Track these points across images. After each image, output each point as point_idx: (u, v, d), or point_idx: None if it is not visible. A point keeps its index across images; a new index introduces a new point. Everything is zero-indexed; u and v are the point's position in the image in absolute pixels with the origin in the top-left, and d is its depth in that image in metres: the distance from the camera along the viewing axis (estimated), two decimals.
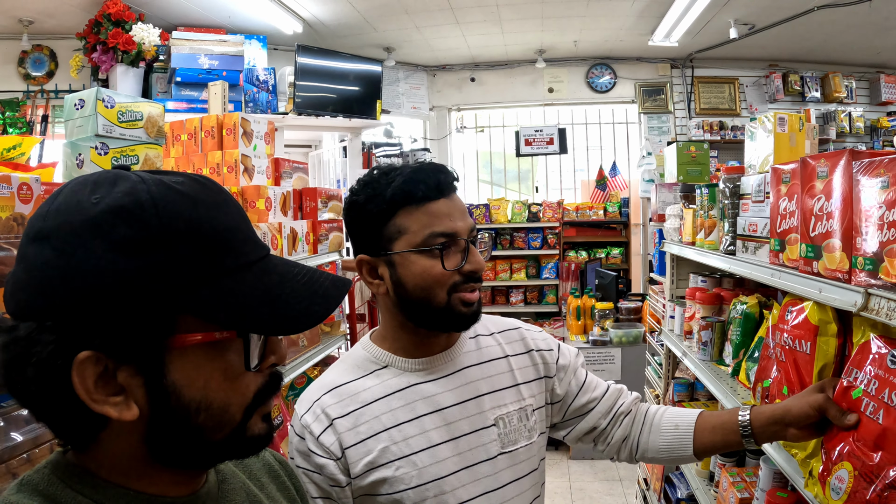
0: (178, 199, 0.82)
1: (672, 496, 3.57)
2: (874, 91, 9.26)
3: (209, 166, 3.24)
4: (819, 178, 1.69)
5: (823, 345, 1.71)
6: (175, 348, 0.81)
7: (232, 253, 0.86)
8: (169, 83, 5.74)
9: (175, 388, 0.82)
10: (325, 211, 3.84)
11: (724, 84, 9.12)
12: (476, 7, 6.84)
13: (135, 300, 0.78)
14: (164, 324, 0.80)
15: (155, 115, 2.62)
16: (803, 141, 2.38)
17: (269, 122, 3.60)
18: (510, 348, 1.73)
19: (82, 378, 0.77)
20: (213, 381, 0.85)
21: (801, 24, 7.21)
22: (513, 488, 1.59)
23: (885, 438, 1.37)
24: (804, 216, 1.77)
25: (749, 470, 2.61)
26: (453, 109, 9.53)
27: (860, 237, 1.49)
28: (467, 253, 1.50)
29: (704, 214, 2.87)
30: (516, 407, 1.65)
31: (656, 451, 1.77)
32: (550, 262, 8.89)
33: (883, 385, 1.41)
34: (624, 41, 8.32)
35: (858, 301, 1.48)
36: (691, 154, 4.09)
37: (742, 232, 2.35)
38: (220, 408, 0.86)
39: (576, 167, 9.93)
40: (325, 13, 6.71)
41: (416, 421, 1.53)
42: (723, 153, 8.52)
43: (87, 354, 0.77)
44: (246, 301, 0.84)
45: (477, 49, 8.52)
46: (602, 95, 9.23)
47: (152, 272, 0.78)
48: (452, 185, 1.54)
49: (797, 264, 1.83)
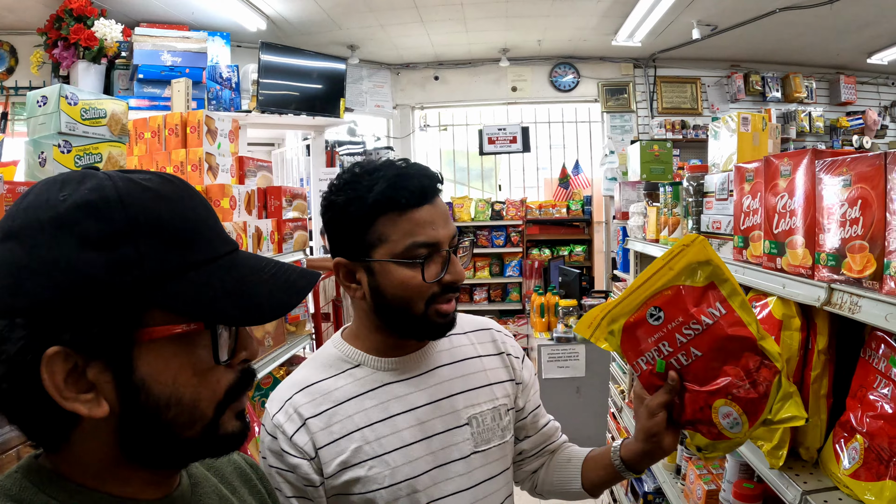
0: (144, 195, 0.83)
1: (639, 490, 3.61)
2: (834, 91, 9.49)
3: (173, 164, 3.21)
4: (782, 177, 1.74)
5: (787, 339, 1.75)
6: (143, 342, 0.81)
7: (198, 247, 0.87)
8: (131, 80, 5.65)
9: (144, 383, 0.82)
10: (289, 210, 3.84)
11: (687, 84, 9.27)
12: (441, 5, 6.87)
13: (102, 294, 0.78)
14: (131, 317, 0.80)
15: (118, 113, 2.59)
16: (766, 140, 2.43)
17: (234, 119, 3.58)
18: (482, 348, 1.74)
19: (51, 374, 0.77)
20: (183, 375, 0.85)
21: (763, 26, 7.37)
22: (486, 487, 1.60)
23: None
24: (767, 214, 1.82)
25: (715, 463, 2.66)
26: (417, 108, 9.57)
27: (823, 234, 1.54)
28: (448, 263, 1.47)
29: (668, 212, 2.91)
30: (489, 406, 1.65)
31: (551, 484, 1.80)
32: (514, 260, 8.97)
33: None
34: (588, 41, 8.40)
35: (822, 296, 1.52)
36: (655, 153, 4.15)
37: (706, 229, 2.40)
38: (191, 403, 0.86)
39: (539, 165, 10.03)
40: (289, 10, 6.69)
41: (388, 420, 1.52)
42: (685, 152, 8.64)
43: (55, 350, 0.77)
44: (212, 293, 0.85)
45: (441, 47, 8.56)
46: (565, 94, 9.34)
47: (119, 266, 0.79)
48: (436, 190, 1.50)
49: (761, 260, 1.87)
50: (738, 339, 1.40)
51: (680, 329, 1.43)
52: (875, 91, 9.68)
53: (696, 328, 1.41)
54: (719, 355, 1.41)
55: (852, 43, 8.26)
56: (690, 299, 1.43)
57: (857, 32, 7.80)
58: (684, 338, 1.43)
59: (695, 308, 1.42)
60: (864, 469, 1.54)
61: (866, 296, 1.38)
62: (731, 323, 1.40)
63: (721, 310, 1.41)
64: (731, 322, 1.40)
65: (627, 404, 4.00)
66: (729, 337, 1.40)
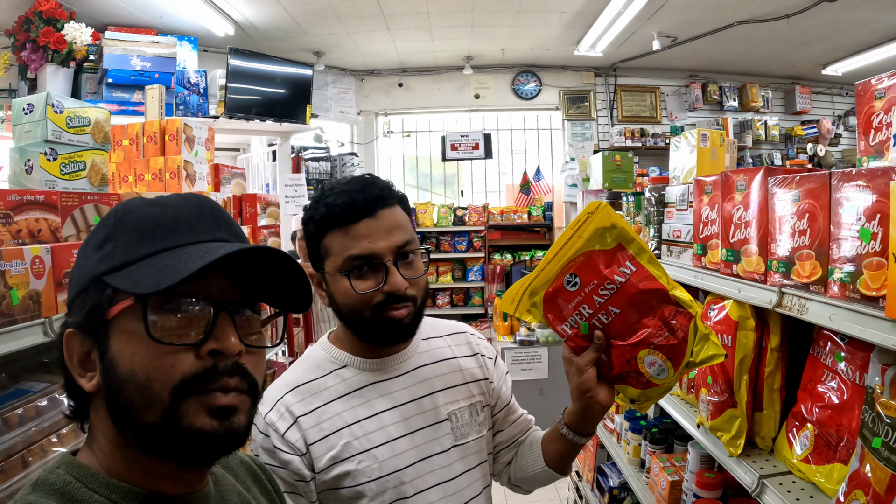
0: (140, 203, 0.99)
1: (605, 485, 3.72)
2: (789, 101, 9.76)
3: (151, 172, 3.25)
4: (738, 191, 1.89)
5: (743, 338, 1.92)
6: (112, 321, 0.92)
7: (162, 239, 0.96)
8: (100, 84, 5.61)
9: (113, 360, 0.91)
10: (263, 217, 3.90)
11: (646, 93, 9.46)
12: (407, 14, 6.96)
13: (90, 283, 0.94)
14: (102, 300, 0.93)
15: (101, 121, 2.63)
16: (723, 155, 2.60)
17: (210, 128, 3.66)
18: (458, 350, 1.85)
19: (69, 352, 0.95)
20: (138, 353, 0.90)
21: (722, 38, 7.58)
22: (465, 478, 1.70)
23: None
24: (724, 224, 1.97)
25: (678, 455, 2.80)
26: (381, 114, 9.60)
27: (774, 243, 1.70)
28: (387, 274, 1.54)
29: (630, 221, 3.06)
30: (467, 403, 1.76)
31: (521, 470, 1.90)
32: (476, 264, 9.04)
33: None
34: (550, 50, 8.54)
35: (773, 299, 1.68)
36: (616, 162, 4.31)
37: (667, 237, 2.55)
38: (144, 381, 0.89)
39: (500, 171, 10.11)
40: (257, 16, 6.72)
41: (375, 417, 1.61)
42: (643, 159, 8.81)
43: (70, 331, 0.95)
44: (150, 270, 0.92)
45: (406, 55, 8.63)
46: (527, 102, 9.46)
47: (103, 259, 0.95)
48: (375, 204, 1.56)
49: (718, 267, 2.03)
50: (651, 291, 1.50)
51: (596, 291, 1.52)
52: (829, 101, 9.98)
53: (611, 288, 1.51)
54: (636, 309, 1.51)
55: (808, 55, 8.52)
56: (602, 262, 1.52)
57: (812, 45, 8.05)
58: (601, 298, 1.52)
59: (607, 269, 1.51)
60: (814, 454, 1.70)
61: (813, 299, 1.54)
62: (641, 278, 1.50)
63: (631, 267, 1.51)
64: (642, 277, 1.50)
65: None
66: (642, 291, 1.50)
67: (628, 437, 3.22)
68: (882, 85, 1.69)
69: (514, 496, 5.60)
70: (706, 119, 9.41)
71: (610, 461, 3.86)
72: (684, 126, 9.37)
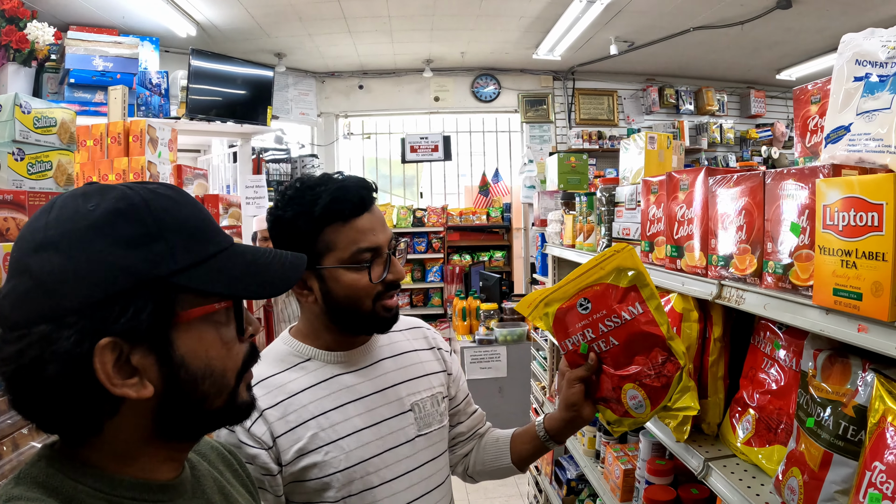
0: (163, 201, 0.95)
1: (563, 478, 3.81)
2: (744, 105, 10.04)
3: (115, 172, 3.27)
4: (681, 190, 2.00)
5: (687, 329, 2.02)
6: (180, 324, 0.93)
7: (212, 241, 0.99)
8: (61, 84, 5.56)
9: (183, 360, 0.93)
10: (225, 217, 3.93)
11: (604, 96, 9.64)
12: (368, 17, 7.03)
13: (142, 286, 0.88)
14: (169, 304, 0.91)
15: (67, 121, 2.66)
16: (670, 157, 2.70)
17: (174, 129, 3.69)
18: (417, 343, 1.92)
19: (103, 364, 0.86)
20: (213, 349, 0.97)
21: (677, 43, 7.77)
22: (429, 467, 1.76)
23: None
24: (669, 222, 2.07)
25: (631, 445, 2.88)
26: (341, 116, 9.67)
27: (715, 239, 1.80)
28: (389, 264, 1.64)
29: (583, 220, 3.14)
30: (428, 394, 1.82)
31: (482, 463, 2.00)
32: (435, 265, 9.13)
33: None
34: (509, 54, 8.67)
35: (714, 291, 1.79)
36: (571, 164, 4.39)
37: (617, 235, 2.64)
38: (220, 374, 0.98)
39: (460, 173, 10.23)
40: (219, 17, 6.74)
41: (340, 408, 1.64)
42: (601, 161, 8.97)
43: (106, 341, 0.86)
44: (234, 275, 0.98)
45: (366, 57, 8.69)
46: (486, 105, 9.59)
47: (154, 260, 0.90)
48: (373, 199, 1.65)
49: (664, 262, 2.13)
50: (651, 335, 1.66)
51: (603, 320, 1.69)
52: (784, 105, 10.25)
53: (617, 321, 1.68)
54: (633, 347, 1.67)
55: (762, 60, 8.74)
56: (615, 296, 1.69)
57: (766, 51, 8.27)
58: (606, 328, 1.69)
59: (617, 304, 1.68)
60: (755, 437, 1.81)
61: (749, 290, 1.64)
62: (646, 321, 1.66)
63: (639, 309, 1.67)
64: (647, 321, 1.66)
65: (549, 399, 4.23)
66: (643, 333, 1.66)
67: (584, 430, 3.31)
68: (817, 90, 1.80)
69: (475, 490, 5.66)
70: (662, 122, 9.59)
71: (567, 454, 3.94)
72: (641, 129, 9.55)
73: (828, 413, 1.39)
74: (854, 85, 1.56)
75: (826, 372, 1.44)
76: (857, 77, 1.56)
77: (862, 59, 1.57)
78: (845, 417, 1.35)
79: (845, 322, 1.29)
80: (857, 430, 1.31)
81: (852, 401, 1.34)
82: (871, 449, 1.22)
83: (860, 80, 1.55)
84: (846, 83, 1.59)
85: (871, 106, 1.50)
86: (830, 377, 1.43)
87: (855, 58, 1.58)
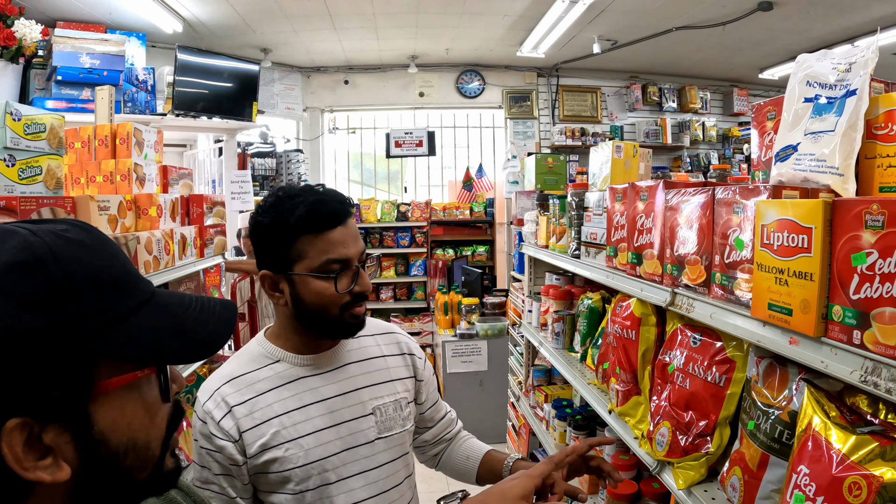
0: (73, 249, 0.81)
1: None
2: (727, 103, 10.12)
3: (103, 174, 3.32)
4: (641, 200, 2.09)
5: (645, 332, 2.12)
6: (99, 395, 0.81)
7: (130, 293, 0.86)
8: (48, 81, 5.59)
9: (103, 435, 0.82)
10: (210, 216, 3.97)
11: (587, 93, 9.71)
12: (353, 14, 7.07)
13: (50, 355, 0.76)
14: (83, 374, 0.79)
15: (56, 126, 2.70)
16: (636, 165, 2.80)
17: (159, 130, 3.74)
18: (387, 349, 2.00)
19: (11, 447, 0.74)
20: (136, 419, 0.86)
21: (660, 42, 7.84)
22: (387, 468, 1.86)
23: (693, 401, 1.82)
24: (630, 229, 2.17)
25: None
26: (326, 111, 9.70)
27: (670, 248, 1.90)
28: (357, 276, 1.73)
29: (556, 222, 3.24)
30: (391, 399, 1.91)
31: (449, 470, 2.14)
32: (418, 259, 9.17)
33: (688, 360, 1.83)
34: (494, 50, 8.72)
35: (668, 298, 1.89)
36: (549, 165, 4.45)
37: (585, 239, 2.73)
38: (144, 445, 0.87)
39: (444, 168, 10.28)
40: (205, 13, 6.75)
41: (303, 409, 1.75)
42: (583, 158, 8.99)
43: (14, 423, 0.73)
44: (156, 336, 0.86)
45: (352, 53, 8.72)
46: (471, 101, 9.64)
47: (63, 323, 0.77)
48: (348, 213, 1.74)
49: (626, 268, 2.23)
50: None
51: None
52: None
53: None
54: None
55: (745, 59, 8.83)
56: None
57: (749, 50, 8.35)
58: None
59: None
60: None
61: (699, 299, 1.74)
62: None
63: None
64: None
65: (524, 394, 4.34)
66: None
67: (555, 425, 3.42)
68: (772, 108, 1.89)
69: (437, 482, 5.73)
70: (645, 119, 9.67)
71: (541, 447, 4.04)
72: (624, 126, 9.65)
73: (766, 417, 1.49)
74: (804, 105, 1.65)
75: (767, 379, 1.54)
76: (807, 98, 1.65)
77: (813, 81, 1.65)
78: (781, 422, 1.45)
79: (780, 334, 1.39)
80: (791, 434, 1.41)
81: (787, 407, 1.44)
82: (797, 453, 1.33)
83: (810, 101, 1.63)
84: (796, 103, 1.67)
85: (817, 127, 1.58)
86: (770, 384, 1.53)
87: (806, 79, 1.66)
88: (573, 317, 3.32)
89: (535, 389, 4.06)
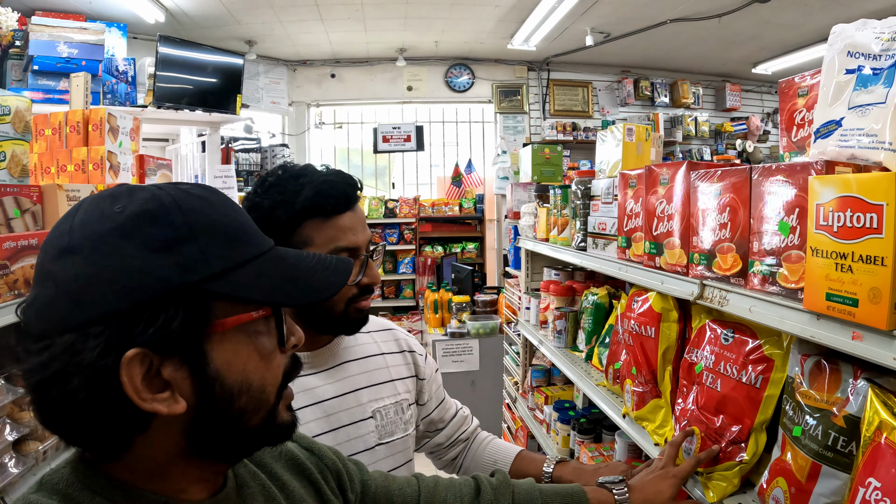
0: (195, 201, 0.88)
1: None
2: (720, 98, 10.06)
3: (74, 163, 3.17)
4: (661, 185, 1.92)
5: (666, 329, 1.95)
6: (215, 334, 0.86)
7: (249, 244, 0.92)
8: (25, 71, 5.43)
9: (219, 373, 0.86)
10: None
11: (579, 87, 9.60)
12: (341, 4, 6.94)
13: (174, 293, 0.82)
14: (202, 312, 0.84)
15: (22, 110, 2.56)
16: (649, 149, 2.63)
17: (136, 118, 3.57)
18: (385, 346, 1.86)
19: (130, 377, 0.80)
20: (251, 362, 0.90)
21: (654, 35, 7.75)
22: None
23: (724, 404, 1.63)
24: (648, 217, 2.00)
25: (606, 445, 2.83)
26: (313, 105, 9.57)
27: (696, 236, 1.73)
28: (365, 267, 1.58)
29: (558, 213, 3.08)
30: (392, 401, 1.77)
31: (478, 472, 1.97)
32: (407, 257, 9.08)
33: (718, 359, 1.66)
34: (484, 43, 8.61)
35: (695, 291, 1.71)
36: (546, 156, 4.33)
37: (592, 230, 2.57)
38: (259, 389, 0.91)
39: (432, 164, 10.17)
40: (188, 2, 6.62)
41: (298, 412, 1.60)
42: (575, 153, 8.95)
43: (134, 352, 0.79)
44: (274, 281, 0.91)
45: (339, 45, 8.59)
46: (460, 95, 9.52)
47: (185, 265, 0.83)
48: (357, 197, 1.59)
49: (642, 259, 2.05)
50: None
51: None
52: (759, 99, 10.31)
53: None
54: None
55: (738, 54, 8.78)
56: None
57: (742, 45, 8.30)
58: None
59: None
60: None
61: (734, 291, 1.56)
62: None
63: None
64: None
65: (521, 395, 4.19)
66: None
67: (557, 428, 3.25)
68: (805, 83, 1.73)
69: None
70: (637, 114, 9.60)
71: (540, 451, 3.89)
72: (615, 120, 9.53)
73: (816, 422, 1.32)
74: (846, 78, 1.49)
75: (814, 379, 1.37)
76: (848, 69, 1.48)
77: (854, 51, 1.49)
78: (835, 427, 1.28)
79: (838, 329, 1.22)
80: (848, 441, 1.25)
81: (843, 410, 1.27)
82: (864, 464, 1.15)
83: (852, 73, 1.47)
84: (837, 75, 1.51)
85: (864, 100, 1.42)
86: (818, 385, 1.36)
87: (847, 49, 1.50)
88: (576, 314, 3.16)
89: (533, 390, 3.90)
